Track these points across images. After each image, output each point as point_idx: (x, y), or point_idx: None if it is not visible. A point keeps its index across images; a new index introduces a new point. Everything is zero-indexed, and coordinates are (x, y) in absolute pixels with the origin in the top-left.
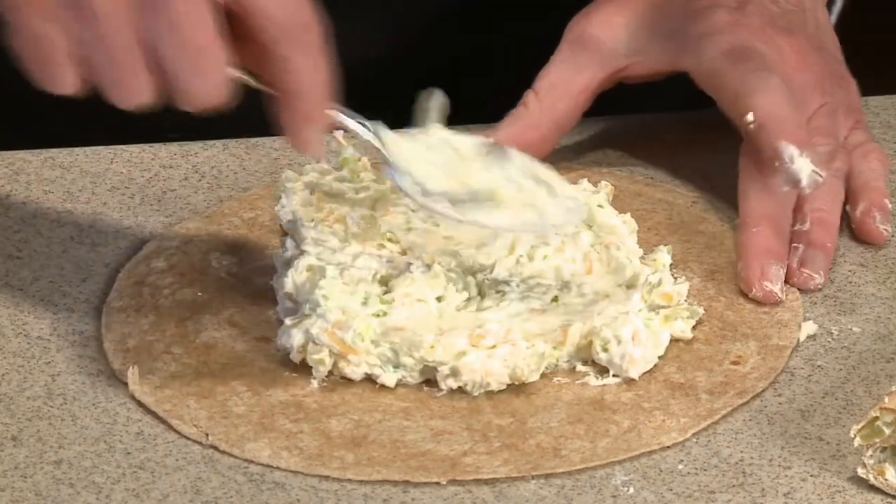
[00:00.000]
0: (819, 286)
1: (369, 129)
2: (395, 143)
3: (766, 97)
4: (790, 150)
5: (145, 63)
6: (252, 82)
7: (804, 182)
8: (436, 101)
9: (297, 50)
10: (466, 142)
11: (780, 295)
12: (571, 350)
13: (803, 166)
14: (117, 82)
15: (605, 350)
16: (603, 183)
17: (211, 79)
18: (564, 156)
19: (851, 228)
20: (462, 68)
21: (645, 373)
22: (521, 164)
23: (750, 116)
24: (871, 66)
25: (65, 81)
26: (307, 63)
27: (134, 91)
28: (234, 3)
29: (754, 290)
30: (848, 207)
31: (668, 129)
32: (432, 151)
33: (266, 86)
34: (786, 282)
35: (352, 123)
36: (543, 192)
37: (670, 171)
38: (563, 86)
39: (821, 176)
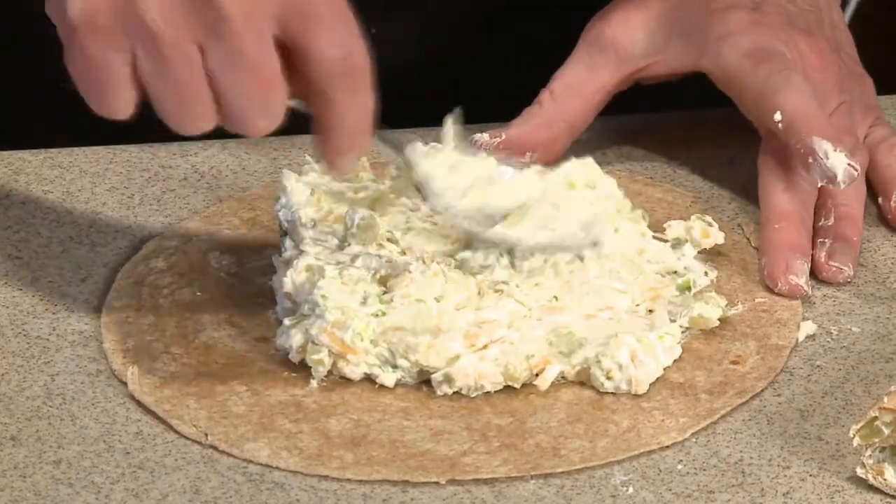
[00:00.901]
0: (849, 279)
1: (403, 153)
2: (425, 166)
3: (791, 95)
4: (824, 146)
5: (208, 93)
6: (303, 108)
7: (840, 176)
8: (454, 124)
9: (346, 92)
10: (484, 163)
11: (805, 288)
12: (571, 373)
13: (838, 161)
14: (179, 110)
15: (610, 378)
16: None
17: (272, 113)
18: (564, 155)
19: (886, 220)
20: (490, 68)
21: None
22: (534, 183)
23: (777, 115)
24: (881, 67)
25: (119, 106)
26: (354, 104)
27: (195, 119)
28: (290, 40)
29: (780, 285)
30: (880, 200)
31: (668, 129)
32: (455, 174)
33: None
34: (815, 276)
35: (388, 145)
36: (558, 211)
37: (670, 171)
38: (579, 86)
39: (856, 169)
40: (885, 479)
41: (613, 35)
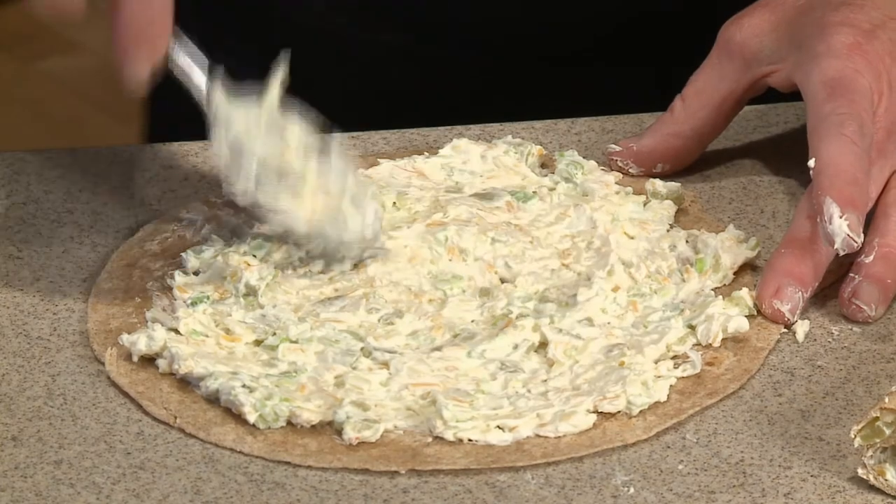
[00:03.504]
0: (870, 319)
1: (204, 78)
2: (225, 103)
3: (831, 146)
4: (830, 209)
5: None
6: None
7: (837, 244)
8: (278, 75)
9: None
10: (295, 128)
11: (788, 316)
12: None
13: (839, 229)
14: None
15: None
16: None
17: None
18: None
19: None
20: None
21: None
22: (339, 165)
23: (811, 163)
24: None
25: None
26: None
27: None
28: None
29: (764, 307)
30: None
31: None
32: (260, 125)
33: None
34: (841, 312)
35: (187, 65)
36: (348, 200)
37: None
38: (708, 93)
39: (856, 241)
40: (886, 480)
41: (743, 39)
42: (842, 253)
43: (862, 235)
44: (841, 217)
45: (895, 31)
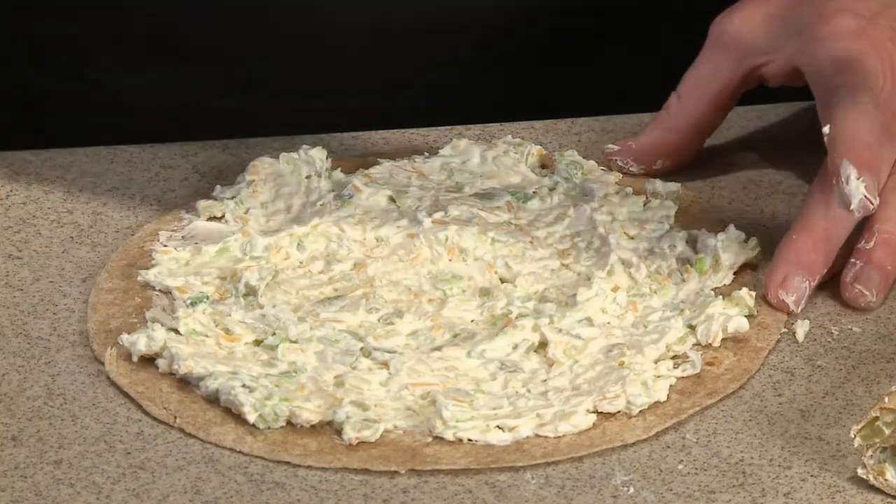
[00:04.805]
0: (871, 304)
1: None
2: None
3: (846, 112)
4: (848, 171)
5: None
6: None
7: (854, 205)
8: None
9: None
10: None
11: (793, 307)
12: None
13: (856, 190)
14: None
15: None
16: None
17: None
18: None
19: None
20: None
21: None
22: None
23: (826, 129)
24: None
25: None
26: None
27: None
28: None
29: (770, 295)
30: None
31: None
32: None
33: None
34: (840, 296)
35: None
36: None
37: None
38: (704, 87)
39: (872, 203)
40: (885, 480)
41: (736, 31)
42: (857, 215)
43: (878, 199)
44: (858, 179)
45: (894, 19)
